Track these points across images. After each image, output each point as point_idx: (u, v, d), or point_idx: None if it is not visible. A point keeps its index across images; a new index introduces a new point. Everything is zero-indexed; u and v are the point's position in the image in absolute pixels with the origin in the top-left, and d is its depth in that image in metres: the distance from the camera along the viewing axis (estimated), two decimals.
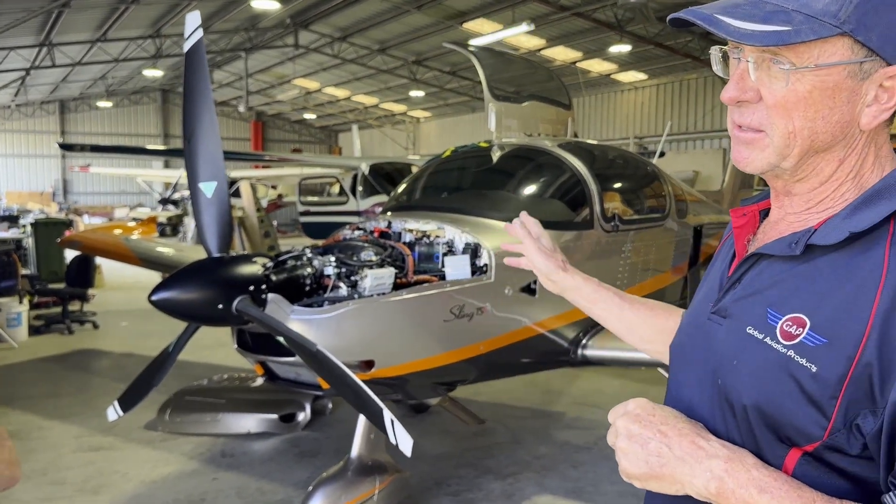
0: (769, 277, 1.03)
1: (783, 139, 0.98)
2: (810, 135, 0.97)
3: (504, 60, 6.18)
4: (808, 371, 0.92)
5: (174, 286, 3.10)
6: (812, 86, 0.94)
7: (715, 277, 1.17)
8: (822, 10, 0.91)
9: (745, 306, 1.04)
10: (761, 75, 0.97)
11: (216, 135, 3.38)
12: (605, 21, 17.97)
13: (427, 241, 4.14)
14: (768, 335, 0.98)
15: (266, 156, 23.24)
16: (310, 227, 18.18)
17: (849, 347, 0.90)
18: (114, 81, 32.39)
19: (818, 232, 0.99)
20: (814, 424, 0.93)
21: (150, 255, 7.68)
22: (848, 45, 0.92)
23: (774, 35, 0.91)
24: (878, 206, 0.96)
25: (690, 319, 1.19)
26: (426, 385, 4.07)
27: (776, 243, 1.04)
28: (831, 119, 0.96)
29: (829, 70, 0.93)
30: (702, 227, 6.47)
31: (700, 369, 1.10)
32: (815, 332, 0.93)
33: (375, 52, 24.08)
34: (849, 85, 0.94)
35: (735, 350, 1.02)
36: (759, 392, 0.97)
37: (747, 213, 1.15)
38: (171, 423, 5.66)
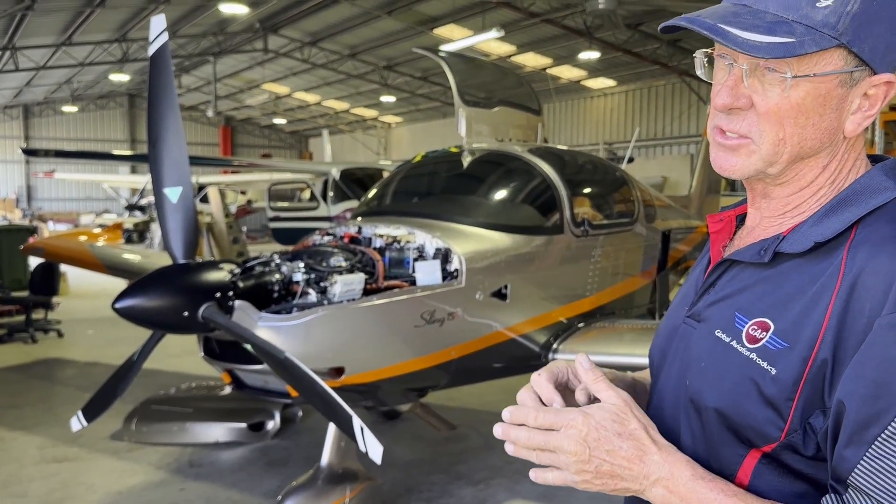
0: (739, 282, 1.05)
1: (772, 146, 0.99)
2: (799, 141, 0.98)
3: (474, 66, 6.20)
4: (769, 374, 0.95)
5: (138, 293, 3.04)
6: (806, 93, 0.96)
7: (691, 282, 1.20)
8: (822, 22, 0.92)
9: (715, 310, 1.06)
10: (753, 82, 0.98)
11: (181, 139, 3.33)
12: (574, 28, 18.11)
13: (397, 247, 4.12)
14: (735, 339, 1.00)
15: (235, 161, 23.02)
16: (280, 233, 18.03)
17: (805, 350, 0.92)
18: (79, 86, 31.89)
19: (786, 239, 1.01)
20: (771, 425, 0.95)
21: (116, 262, 7.55)
22: (843, 55, 0.94)
23: (781, 47, 0.92)
24: (843, 213, 0.98)
25: (667, 322, 1.21)
26: (397, 391, 4.05)
27: (746, 250, 1.06)
28: (821, 126, 0.98)
29: (824, 79, 0.95)
30: (670, 232, 6.53)
31: (674, 372, 1.12)
32: (777, 337, 0.95)
33: (346, 58, 24.01)
34: (839, 93, 0.96)
35: (704, 353, 1.05)
36: (722, 393, 1.00)
37: (724, 219, 1.17)
38: (137, 432, 5.55)
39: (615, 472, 0.96)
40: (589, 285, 5.16)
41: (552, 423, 0.96)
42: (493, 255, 4.31)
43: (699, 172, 9.04)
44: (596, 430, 0.95)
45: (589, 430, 0.95)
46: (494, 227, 4.47)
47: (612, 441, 0.95)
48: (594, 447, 0.95)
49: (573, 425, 0.95)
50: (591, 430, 0.95)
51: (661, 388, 1.15)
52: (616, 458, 0.95)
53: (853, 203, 0.98)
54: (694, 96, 21.83)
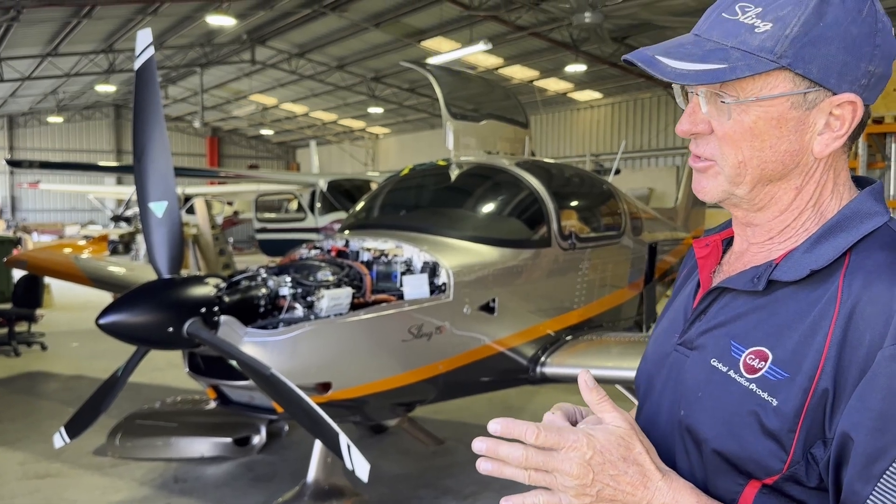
0: (733, 310, 1.04)
1: (734, 168, 1.00)
2: (759, 164, 0.99)
3: (461, 79, 6.21)
4: (770, 405, 0.93)
5: (122, 309, 3.02)
6: (756, 117, 0.96)
7: (679, 308, 1.18)
8: (759, 47, 0.93)
9: (709, 339, 1.04)
10: (711, 108, 1.00)
11: (167, 153, 3.32)
12: (560, 41, 18.22)
13: (385, 260, 4.11)
14: (732, 368, 0.98)
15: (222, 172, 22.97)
16: (266, 245, 17.95)
17: (806, 380, 0.91)
18: (65, 96, 31.72)
19: (779, 267, 1.00)
20: (773, 457, 0.93)
21: (101, 275, 7.49)
22: (789, 77, 0.94)
23: (710, 73, 0.94)
24: (835, 239, 0.97)
25: (655, 349, 1.18)
26: (385, 406, 4.02)
27: (738, 277, 1.05)
28: (779, 148, 0.98)
29: (772, 102, 0.95)
30: (656, 244, 6.55)
31: (666, 400, 1.09)
32: (776, 367, 0.94)
33: (333, 69, 24.03)
34: (794, 115, 0.96)
35: (700, 382, 1.03)
36: (721, 425, 0.98)
37: (710, 244, 1.16)
38: (121, 447, 5.49)
39: (617, 497, 0.93)
40: (576, 298, 5.16)
41: (554, 443, 0.92)
42: (481, 268, 4.30)
43: (685, 185, 9.10)
44: (601, 453, 0.92)
45: (594, 453, 0.92)
46: (482, 241, 4.47)
47: (616, 465, 0.92)
48: (598, 471, 0.91)
49: (576, 447, 0.92)
50: (596, 453, 0.92)
51: (651, 416, 1.13)
52: (620, 483, 0.92)
53: (844, 229, 0.98)
54: (679, 109, 21.89)
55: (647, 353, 1.22)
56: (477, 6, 15.97)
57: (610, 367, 4.58)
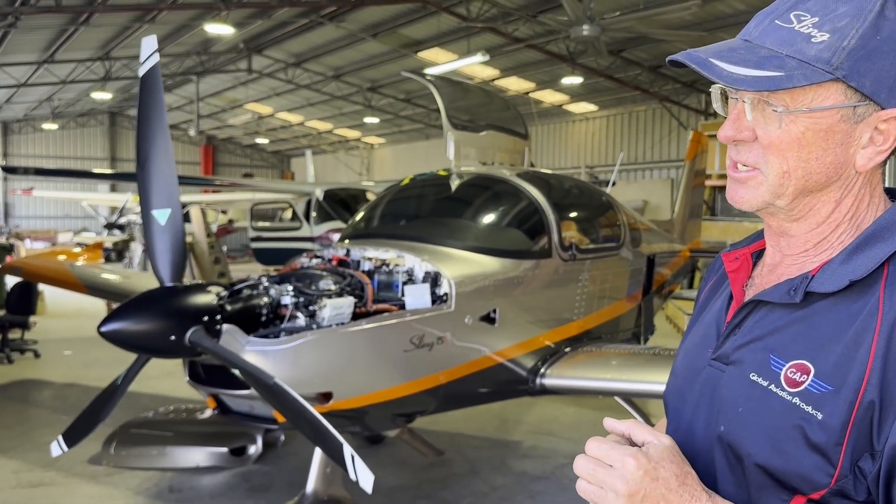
0: (769, 323, 1.03)
1: (777, 178, 0.99)
2: (804, 175, 0.98)
3: (462, 89, 6.22)
4: (815, 419, 0.92)
5: (125, 317, 2.99)
6: (805, 128, 0.96)
7: (711, 323, 1.16)
8: (816, 57, 0.93)
9: (746, 353, 1.03)
10: (757, 116, 0.99)
11: (171, 161, 3.30)
12: (557, 53, 18.29)
13: (386, 270, 4.10)
14: (773, 382, 0.97)
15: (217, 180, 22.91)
16: (261, 253, 17.90)
17: (851, 393, 0.90)
18: (60, 103, 31.62)
19: (816, 278, 0.99)
20: (820, 472, 0.92)
21: (96, 282, 7.44)
22: (841, 89, 0.94)
23: (767, 80, 0.93)
24: (873, 249, 0.97)
25: (687, 364, 1.17)
26: (386, 417, 4.00)
27: (774, 290, 1.04)
28: (825, 160, 0.97)
29: (823, 113, 0.95)
30: (654, 256, 6.56)
31: (702, 416, 1.08)
32: (819, 380, 0.93)
33: (330, 79, 24.04)
34: (842, 128, 0.95)
35: (739, 397, 1.01)
36: (765, 440, 0.96)
37: (740, 257, 1.15)
38: (116, 456, 5.43)
39: None
40: (576, 309, 5.15)
41: (604, 456, 0.94)
42: (482, 278, 4.29)
43: (681, 197, 9.12)
44: (653, 470, 0.93)
45: (644, 473, 0.92)
46: (484, 251, 4.46)
47: (669, 483, 0.93)
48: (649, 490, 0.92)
49: (626, 463, 0.92)
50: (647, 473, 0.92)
51: (685, 432, 1.11)
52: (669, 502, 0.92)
53: (881, 239, 0.97)
54: (674, 122, 22.07)
55: (677, 367, 1.20)
56: (474, 18, 16.02)
57: (609, 380, 4.57)
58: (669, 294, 7.65)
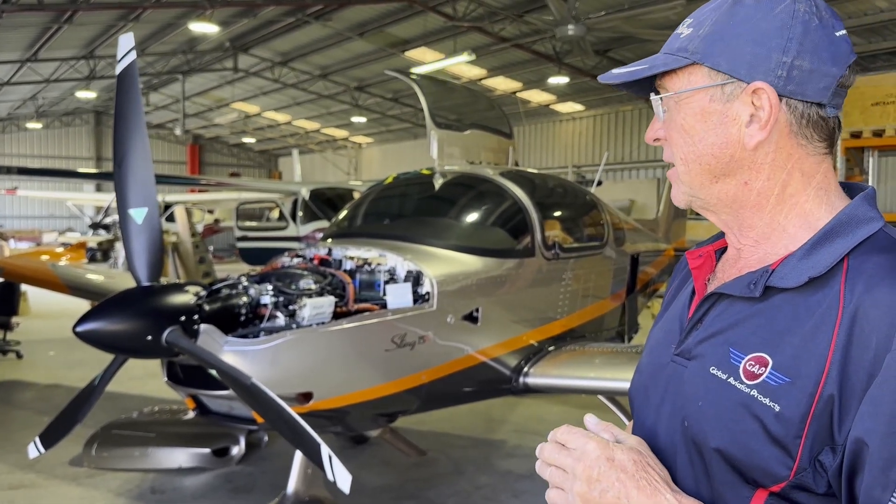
0: (729, 317, 1.04)
1: (682, 166, 1.08)
2: (696, 158, 1.05)
3: (446, 89, 6.21)
4: (772, 411, 0.92)
5: (100, 317, 2.96)
6: (685, 113, 1.05)
7: (674, 318, 1.17)
8: (678, 48, 1.05)
9: (707, 347, 1.04)
10: (665, 116, 1.09)
11: (148, 160, 3.27)
12: (544, 53, 18.33)
13: (368, 269, 4.08)
14: (732, 375, 0.98)
15: (203, 180, 22.80)
16: (247, 253, 17.84)
17: (810, 385, 0.90)
18: (44, 102, 31.40)
19: (776, 273, 1.00)
20: (779, 464, 0.92)
21: (79, 283, 7.39)
22: (705, 72, 1.03)
23: (630, 73, 1.08)
24: (832, 245, 0.98)
25: (651, 360, 1.17)
26: (367, 417, 3.99)
27: (734, 283, 1.05)
28: (708, 141, 1.04)
29: (692, 96, 1.04)
30: (638, 255, 6.57)
31: (666, 412, 1.08)
32: (777, 372, 0.94)
33: (317, 78, 23.99)
34: (716, 108, 1.03)
35: (700, 391, 1.02)
36: (725, 433, 0.97)
37: (703, 254, 1.17)
38: (97, 458, 5.40)
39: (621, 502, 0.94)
40: (559, 308, 5.15)
41: (567, 440, 0.99)
42: (465, 277, 4.28)
43: (666, 196, 9.14)
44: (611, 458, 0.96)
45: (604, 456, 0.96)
46: (466, 250, 4.45)
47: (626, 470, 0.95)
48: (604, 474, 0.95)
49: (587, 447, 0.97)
50: (606, 457, 0.96)
51: (650, 428, 1.11)
52: (626, 488, 0.94)
53: (840, 234, 0.98)
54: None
55: (643, 364, 1.21)
56: (461, 17, 16.02)
57: (592, 378, 4.57)
58: (654, 293, 7.67)
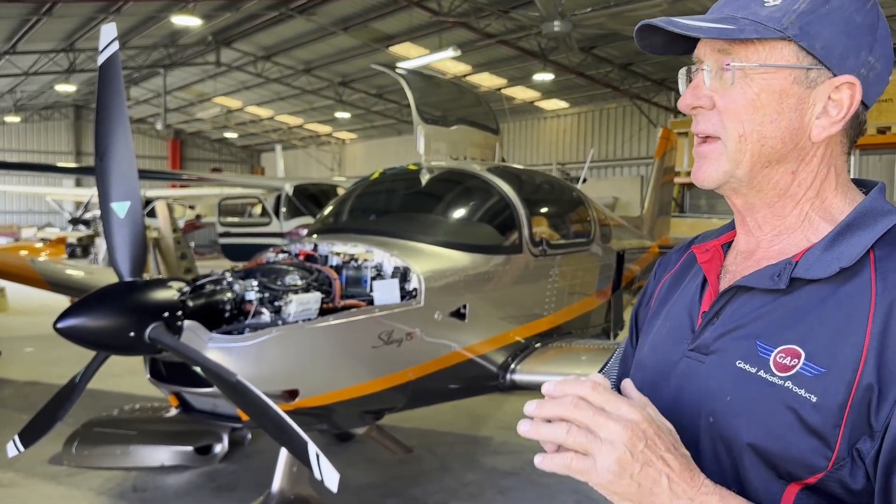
0: (752, 310, 1.02)
1: (735, 143, 1.01)
2: (759, 138, 1.00)
3: (432, 84, 6.17)
4: (809, 401, 0.91)
5: (82, 313, 2.90)
6: (760, 89, 0.98)
7: (681, 314, 1.14)
8: (767, 17, 0.97)
9: (729, 341, 1.02)
10: (715, 83, 1.02)
11: (130, 153, 3.21)
12: (529, 50, 18.32)
13: (355, 265, 4.03)
14: (762, 368, 0.96)
15: (184, 175, 22.58)
16: (230, 249, 17.69)
17: (847, 373, 0.89)
18: (23, 96, 30.98)
19: (800, 264, 0.99)
20: (818, 455, 0.91)
21: (59, 278, 7.28)
22: (794, 51, 0.97)
23: (718, 31, 0.98)
24: (856, 236, 0.97)
25: (658, 357, 1.14)
26: (353, 414, 3.95)
27: (757, 276, 1.03)
28: (780, 124, 0.99)
29: (776, 73, 0.98)
30: (624, 252, 6.57)
31: (683, 409, 1.05)
32: (811, 362, 0.92)
33: (300, 73, 23.84)
34: (796, 91, 0.98)
35: (726, 386, 0.99)
36: (759, 426, 0.95)
37: (710, 249, 1.15)
38: (78, 456, 5.32)
39: (659, 480, 0.85)
40: (546, 305, 5.14)
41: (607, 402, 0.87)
42: (452, 274, 4.25)
43: (651, 194, 9.17)
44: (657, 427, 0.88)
45: (648, 425, 0.87)
46: (453, 246, 4.42)
47: (669, 447, 0.88)
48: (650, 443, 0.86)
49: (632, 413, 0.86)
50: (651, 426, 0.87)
51: None
52: (670, 465, 0.87)
53: (862, 226, 0.98)
54: (644, 119, 22.25)
55: (644, 362, 1.17)
56: (446, 12, 15.97)
57: (579, 375, 4.56)
58: (639, 290, 7.69)
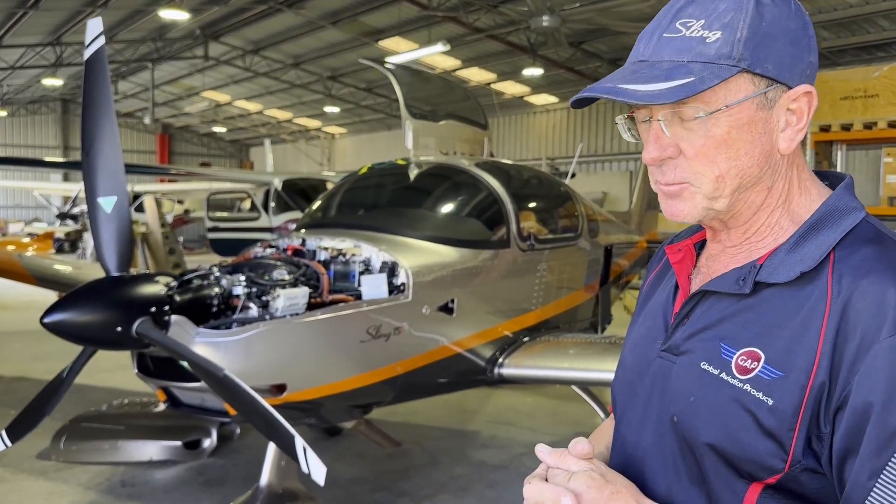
0: (718, 312, 1.03)
1: (712, 184, 0.99)
2: (738, 173, 0.99)
3: (421, 79, 6.17)
4: (765, 404, 0.93)
5: (68, 307, 2.90)
6: (728, 126, 0.97)
7: (657, 314, 1.16)
8: (717, 55, 0.94)
9: (696, 342, 1.03)
10: (676, 130, 0.99)
11: (117, 147, 3.20)
12: (518, 44, 18.32)
13: (343, 260, 4.04)
14: (724, 370, 0.98)
15: (172, 169, 22.48)
16: (218, 244, 17.62)
17: (802, 378, 0.91)
18: (9, 90, 30.75)
19: (764, 268, 1.00)
20: (774, 457, 0.92)
21: (46, 274, 7.25)
22: (748, 79, 0.96)
23: (682, 89, 0.93)
24: (819, 237, 0.98)
25: (636, 357, 1.16)
26: (341, 408, 3.96)
27: (722, 279, 1.04)
28: (754, 153, 0.98)
29: (740, 107, 0.96)
30: (612, 247, 6.60)
31: (654, 408, 1.07)
32: (769, 366, 0.94)
33: (289, 67, 23.75)
34: (761, 116, 0.97)
35: (691, 387, 1.01)
36: (717, 428, 0.97)
37: (683, 248, 1.15)
38: (66, 451, 5.30)
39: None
40: (534, 299, 5.16)
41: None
42: (440, 268, 4.27)
43: (639, 189, 9.21)
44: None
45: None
46: (441, 241, 4.44)
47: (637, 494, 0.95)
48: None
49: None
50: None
51: (638, 425, 1.10)
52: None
53: (826, 226, 0.99)
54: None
55: (625, 361, 1.19)
56: (435, 7, 15.95)
57: (567, 369, 4.59)
58: (626, 284, 7.72)
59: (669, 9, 1.00)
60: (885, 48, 14.47)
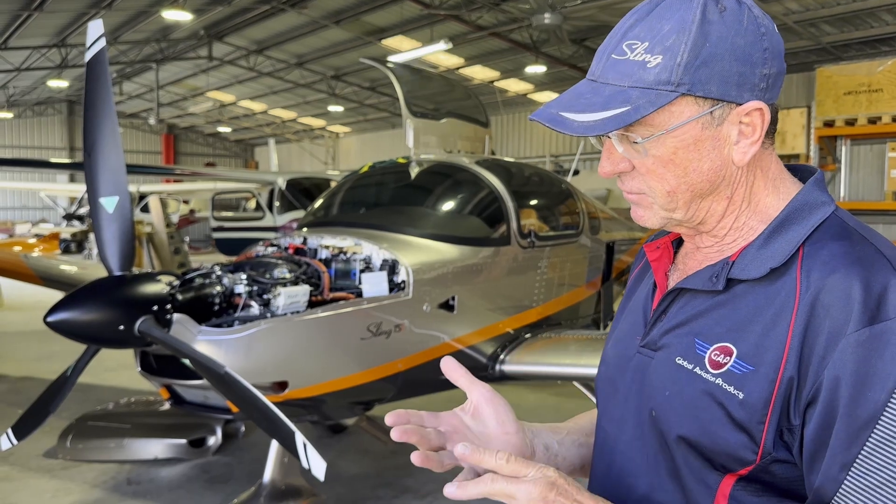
0: (693, 308, 1.05)
1: (664, 198, 1.02)
2: (688, 188, 1.01)
3: (422, 78, 6.20)
4: (736, 398, 0.95)
5: (72, 306, 2.94)
6: (675, 147, 0.98)
7: (637, 310, 1.18)
8: (655, 80, 0.94)
9: (673, 338, 1.06)
10: (626, 147, 1.00)
11: (118, 148, 3.24)
12: (521, 42, 18.30)
13: (344, 258, 4.08)
14: (698, 365, 1.00)
15: (177, 170, 22.55)
16: (224, 244, 17.71)
17: (772, 372, 0.93)
18: (15, 91, 30.82)
19: (736, 265, 1.02)
20: (745, 449, 0.95)
21: (52, 274, 7.31)
22: (691, 101, 0.95)
23: (615, 119, 0.94)
24: (788, 233, 1.00)
25: (618, 352, 1.18)
26: (343, 405, 3.99)
27: (696, 277, 1.06)
28: (702, 169, 0.99)
29: (684, 128, 0.96)
30: (614, 244, 6.62)
31: (633, 403, 1.09)
32: (741, 360, 0.96)
33: (293, 66, 23.78)
34: (708, 134, 0.97)
35: (666, 381, 1.03)
36: (690, 421, 0.99)
37: (661, 246, 1.17)
38: (72, 449, 5.36)
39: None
40: (535, 296, 5.18)
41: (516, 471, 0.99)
42: (441, 266, 4.29)
43: None
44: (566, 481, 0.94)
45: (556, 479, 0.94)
46: (442, 239, 4.46)
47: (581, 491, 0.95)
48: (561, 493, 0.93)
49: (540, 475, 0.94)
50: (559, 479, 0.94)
51: (618, 419, 1.12)
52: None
53: (795, 222, 1.00)
54: None
55: (608, 356, 1.21)
56: (437, 5, 15.95)
57: (568, 365, 4.61)
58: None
59: (620, 27, 1.01)
60: (889, 43, 14.39)
